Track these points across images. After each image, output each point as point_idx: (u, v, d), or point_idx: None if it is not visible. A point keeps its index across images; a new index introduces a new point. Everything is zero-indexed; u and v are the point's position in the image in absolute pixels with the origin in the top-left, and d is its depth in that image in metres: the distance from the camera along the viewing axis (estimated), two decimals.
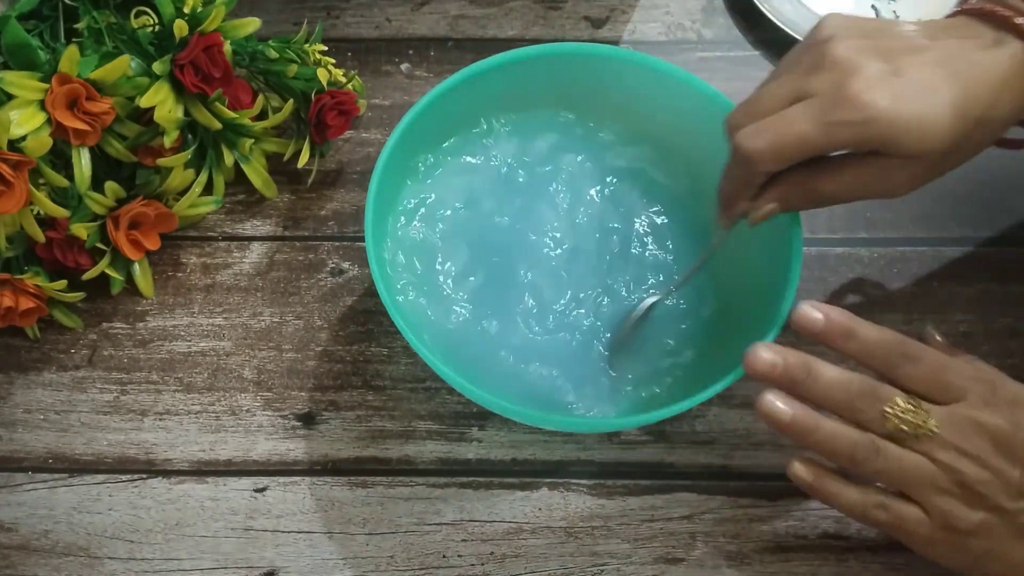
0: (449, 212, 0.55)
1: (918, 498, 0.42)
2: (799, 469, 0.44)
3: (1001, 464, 0.41)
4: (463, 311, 0.52)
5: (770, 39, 0.65)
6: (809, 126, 0.42)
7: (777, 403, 0.42)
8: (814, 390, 0.42)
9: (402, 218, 0.54)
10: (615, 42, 0.66)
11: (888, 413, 0.42)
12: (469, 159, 0.56)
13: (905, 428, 0.41)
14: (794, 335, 0.44)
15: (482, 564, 0.50)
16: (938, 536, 0.42)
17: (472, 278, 0.53)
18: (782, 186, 0.46)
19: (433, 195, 0.55)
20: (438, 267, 0.53)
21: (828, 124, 0.42)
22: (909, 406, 0.42)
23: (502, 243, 0.54)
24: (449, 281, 0.53)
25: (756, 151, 0.43)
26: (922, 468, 0.42)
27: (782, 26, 0.64)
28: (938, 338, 0.49)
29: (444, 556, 0.50)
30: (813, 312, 0.43)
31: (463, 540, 0.50)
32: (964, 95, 0.42)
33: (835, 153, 0.45)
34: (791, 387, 0.43)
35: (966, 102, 0.42)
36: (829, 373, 0.42)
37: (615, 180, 0.56)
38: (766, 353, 0.43)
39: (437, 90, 0.51)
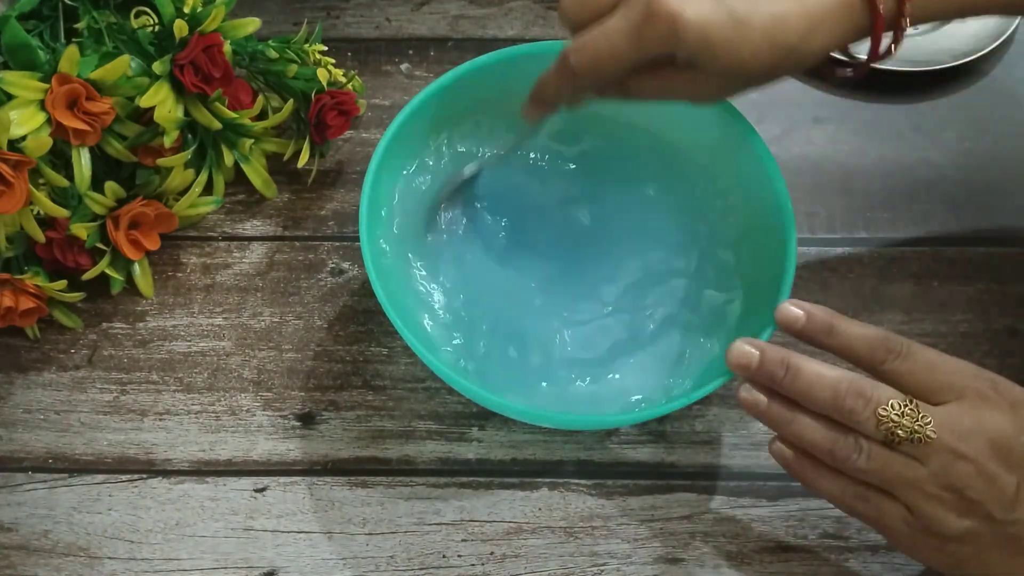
0: (448, 211, 0.55)
1: (903, 499, 0.41)
2: (780, 447, 0.43)
3: (998, 470, 0.39)
4: (463, 310, 0.52)
5: None
6: (623, 40, 0.42)
7: (754, 391, 0.43)
8: (796, 387, 0.41)
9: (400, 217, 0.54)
10: None
11: (882, 416, 0.40)
12: (471, 158, 0.56)
13: (901, 433, 0.40)
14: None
15: (482, 564, 0.50)
16: (920, 539, 0.41)
17: (471, 277, 0.53)
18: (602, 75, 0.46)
19: (433, 193, 0.55)
20: (438, 266, 0.53)
21: (639, 37, 0.42)
22: (906, 408, 0.40)
23: (501, 241, 0.54)
24: (448, 281, 0.53)
25: (580, 67, 0.44)
26: (910, 471, 0.40)
27: None
28: None
29: (444, 556, 0.50)
30: (794, 309, 0.43)
31: (463, 540, 0.50)
32: (779, 25, 0.42)
33: None
34: (771, 383, 0.42)
35: (780, 33, 0.42)
36: (812, 368, 0.41)
37: (619, 179, 0.56)
38: (744, 346, 0.43)
39: (434, 86, 0.51)
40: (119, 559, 0.50)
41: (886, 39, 0.44)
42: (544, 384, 0.50)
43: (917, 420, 0.40)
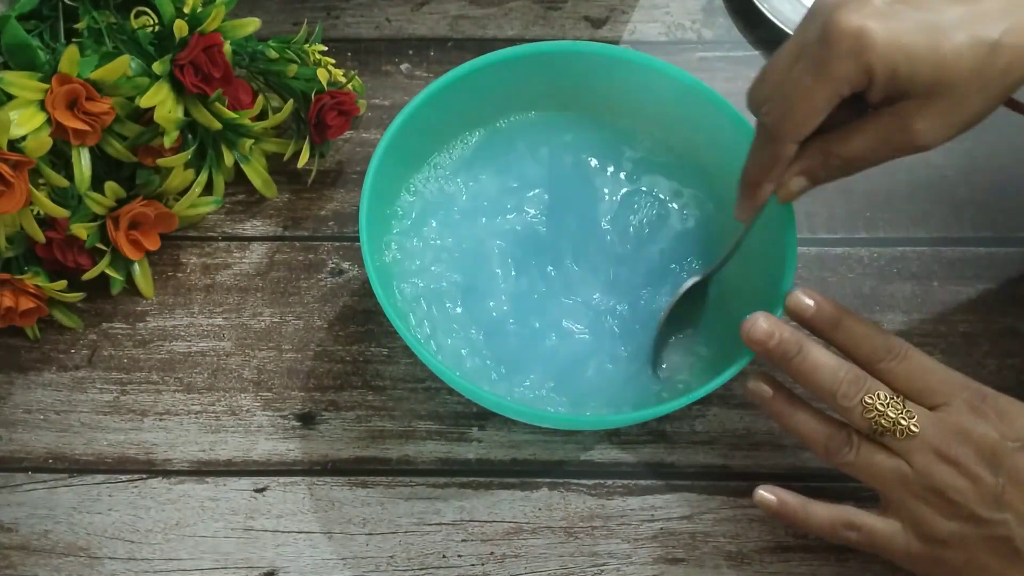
0: (450, 211, 0.55)
1: (891, 500, 0.42)
2: (763, 495, 0.45)
3: (982, 472, 0.41)
4: (463, 310, 0.52)
5: (770, 39, 0.65)
6: (810, 78, 0.40)
7: (761, 383, 0.45)
8: (802, 368, 0.43)
9: (403, 217, 0.54)
10: (615, 42, 0.66)
11: (868, 403, 0.42)
12: (471, 158, 0.56)
13: (884, 423, 0.42)
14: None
15: (482, 564, 0.50)
16: (915, 548, 0.42)
17: (473, 278, 0.53)
18: (804, 159, 0.44)
19: (436, 193, 0.55)
20: (438, 267, 0.53)
21: (826, 66, 0.39)
22: (892, 400, 0.42)
23: (503, 243, 0.54)
24: (448, 281, 0.53)
25: (773, 121, 0.42)
26: (896, 469, 0.42)
27: (782, 26, 0.64)
28: None
29: (444, 556, 0.50)
30: (805, 298, 0.44)
31: (463, 540, 0.50)
32: (971, 14, 0.38)
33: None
34: (781, 361, 0.43)
35: (978, 22, 0.38)
36: (819, 355, 0.43)
37: (617, 179, 0.56)
38: (765, 323, 0.44)
39: (435, 86, 0.51)
40: (119, 559, 0.50)
41: None
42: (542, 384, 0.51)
43: (902, 413, 0.42)
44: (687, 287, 0.51)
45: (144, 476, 0.52)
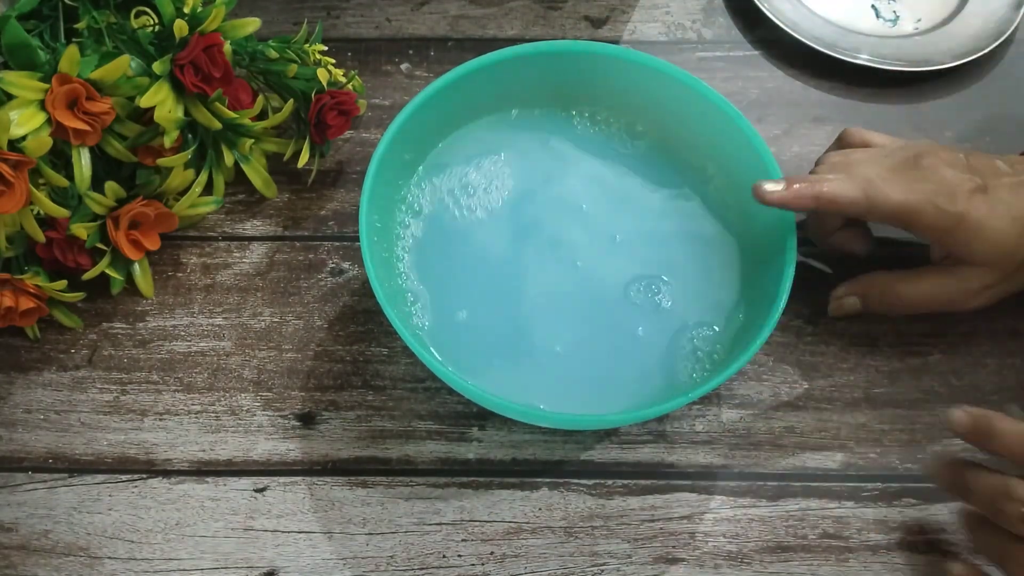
0: (450, 211, 0.55)
1: None
2: (958, 414, 0.45)
3: None
4: (463, 311, 0.52)
5: (770, 39, 0.66)
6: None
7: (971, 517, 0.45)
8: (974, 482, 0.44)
9: (402, 217, 0.54)
10: (615, 42, 0.66)
11: None
12: (471, 158, 0.56)
13: None
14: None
15: (482, 564, 0.50)
16: None
17: (473, 278, 0.53)
18: (864, 284, 0.53)
19: (435, 193, 0.55)
20: (438, 267, 0.53)
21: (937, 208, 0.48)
22: None
23: (504, 244, 0.54)
24: (449, 281, 0.53)
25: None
26: None
27: (782, 26, 0.64)
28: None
29: (444, 556, 0.50)
30: (961, 415, 0.44)
31: (463, 540, 0.50)
32: None
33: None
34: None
35: None
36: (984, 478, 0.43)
37: (619, 179, 0.56)
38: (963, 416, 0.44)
39: (434, 86, 0.51)
40: (119, 559, 0.50)
41: None
42: (540, 385, 0.51)
43: None
44: None
45: (144, 476, 0.52)
